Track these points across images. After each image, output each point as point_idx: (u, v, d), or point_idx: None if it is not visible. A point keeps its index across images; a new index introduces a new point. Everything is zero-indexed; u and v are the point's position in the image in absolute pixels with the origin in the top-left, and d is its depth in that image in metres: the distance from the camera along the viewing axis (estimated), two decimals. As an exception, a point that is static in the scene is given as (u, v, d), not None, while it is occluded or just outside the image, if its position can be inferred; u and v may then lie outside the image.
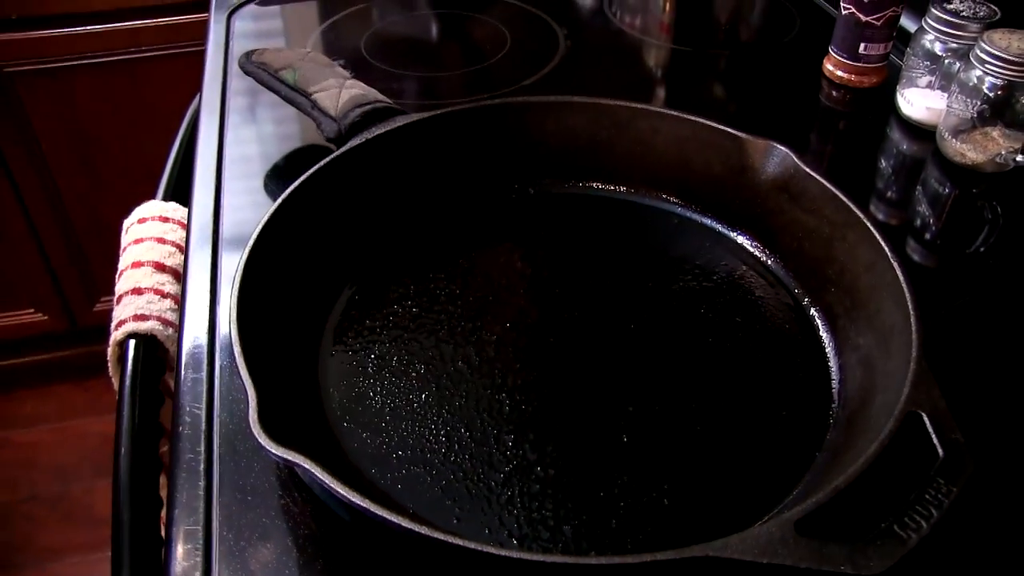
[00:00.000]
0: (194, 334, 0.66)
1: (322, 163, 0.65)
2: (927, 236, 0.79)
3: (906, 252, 0.76)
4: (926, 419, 0.48)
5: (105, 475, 0.65)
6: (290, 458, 0.45)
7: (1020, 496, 0.56)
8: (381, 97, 0.74)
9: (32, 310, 1.86)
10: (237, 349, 0.50)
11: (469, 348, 0.62)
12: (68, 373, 1.98)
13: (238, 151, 0.84)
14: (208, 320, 0.67)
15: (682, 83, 1.01)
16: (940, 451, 0.47)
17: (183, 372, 0.63)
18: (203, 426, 0.59)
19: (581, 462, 0.55)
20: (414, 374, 0.60)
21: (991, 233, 0.78)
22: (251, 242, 0.58)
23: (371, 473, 0.54)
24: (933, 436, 0.48)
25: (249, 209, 0.78)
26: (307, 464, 0.45)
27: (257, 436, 0.46)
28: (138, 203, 0.86)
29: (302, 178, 0.63)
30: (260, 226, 0.59)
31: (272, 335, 0.56)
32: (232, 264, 0.70)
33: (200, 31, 1.09)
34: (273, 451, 0.45)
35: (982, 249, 0.77)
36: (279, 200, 0.61)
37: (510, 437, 0.56)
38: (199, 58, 1.02)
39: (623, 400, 0.59)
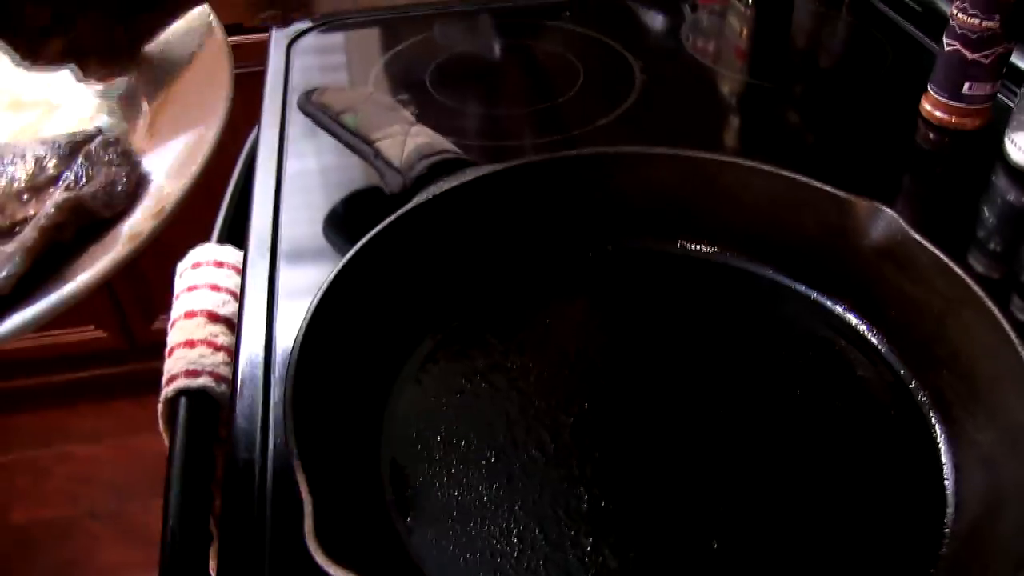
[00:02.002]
0: (247, 405, 0.62)
1: (384, 224, 0.61)
2: (1035, 294, 0.73)
3: (1011, 311, 0.70)
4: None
5: (161, 494, 0.62)
6: (348, 580, 0.40)
7: None
8: (449, 146, 0.69)
9: (92, 326, 1.85)
10: (293, 450, 0.46)
11: (543, 432, 0.57)
12: (127, 389, 1.97)
13: (296, 197, 0.80)
14: (263, 383, 0.63)
15: (764, 123, 0.95)
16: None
17: (235, 450, 0.59)
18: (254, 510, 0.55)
19: (666, 570, 0.50)
20: (483, 462, 0.55)
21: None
22: (305, 322, 0.53)
23: (436, 578, 0.49)
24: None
25: (308, 258, 0.74)
26: (366, 586, 0.40)
27: (313, 553, 0.41)
28: (196, 221, 0.82)
29: (360, 244, 0.59)
30: (313, 305, 0.54)
31: (329, 420, 0.52)
32: (287, 320, 0.67)
33: (258, 52, 1.05)
34: (331, 572, 0.41)
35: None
36: (333, 272, 0.57)
37: (588, 540, 0.51)
38: (258, 79, 0.98)
39: (712, 498, 0.53)
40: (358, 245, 0.59)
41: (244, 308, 0.70)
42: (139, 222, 0.52)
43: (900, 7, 1.13)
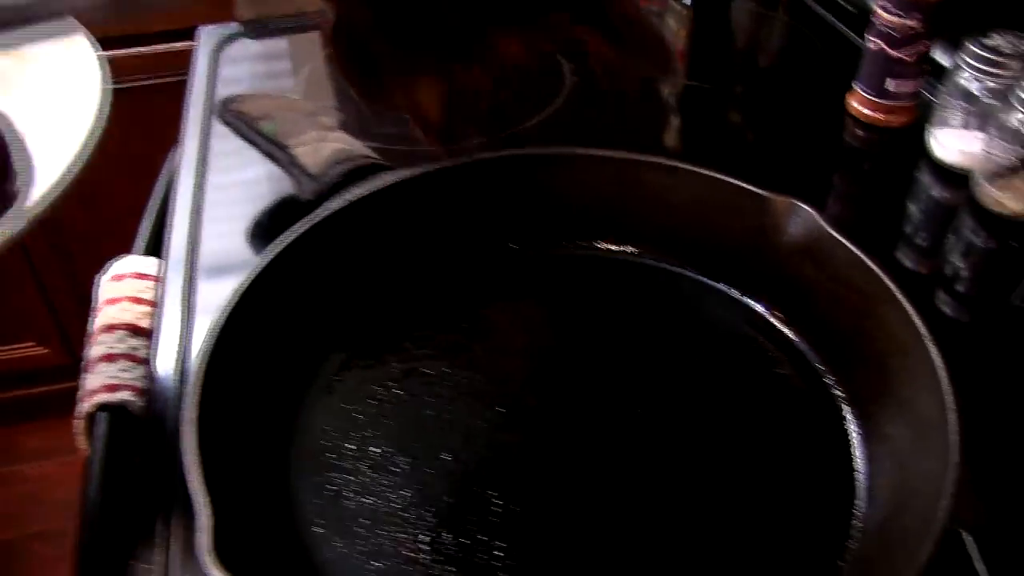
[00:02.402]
0: (160, 419, 0.61)
1: (295, 233, 0.60)
2: (960, 289, 0.73)
3: (936, 305, 0.70)
4: (968, 540, 0.42)
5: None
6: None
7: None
8: (365, 151, 0.69)
9: (33, 343, 1.82)
10: (189, 463, 0.45)
11: (457, 439, 0.56)
12: (73, 405, 1.93)
13: (219, 209, 0.79)
14: (176, 397, 0.62)
15: (696, 123, 0.95)
16: (986, 581, 0.41)
17: (150, 464, 0.58)
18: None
19: (580, 573, 0.49)
20: (396, 469, 0.54)
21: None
22: (209, 336, 0.52)
23: (345, 589, 0.48)
24: (978, 563, 0.42)
25: (228, 270, 0.72)
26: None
27: (208, 570, 0.40)
28: (131, 233, 0.81)
29: (269, 255, 0.58)
30: (219, 319, 0.53)
31: (236, 426, 0.51)
32: (203, 333, 0.66)
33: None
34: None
35: (1021, 302, 0.70)
36: (241, 285, 0.56)
37: (501, 545, 0.50)
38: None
39: (624, 500, 0.53)
40: (266, 256, 0.58)
41: (160, 322, 0.69)
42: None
43: (833, 7, 1.13)
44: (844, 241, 0.59)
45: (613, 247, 0.69)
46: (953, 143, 0.82)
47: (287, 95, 0.88)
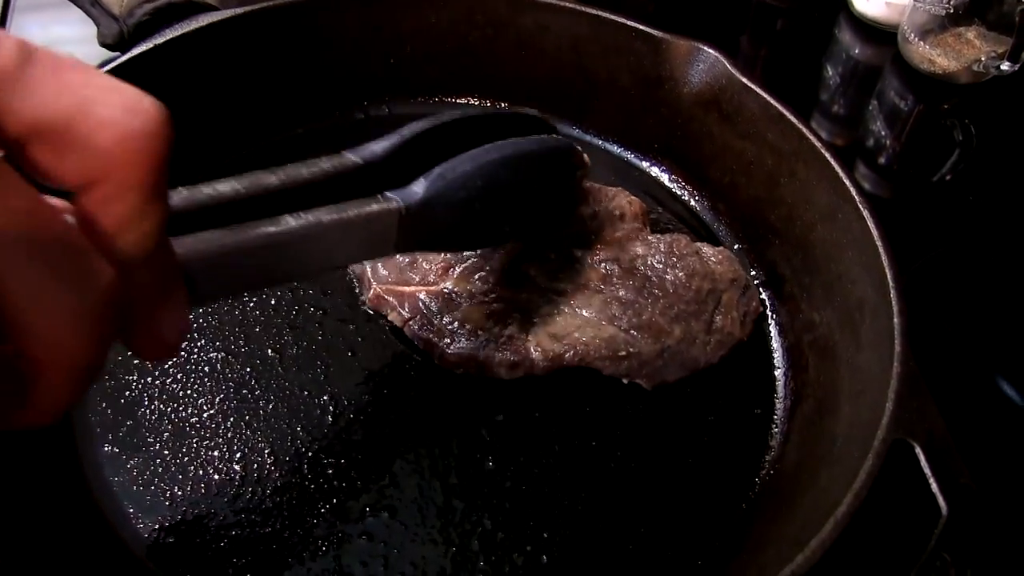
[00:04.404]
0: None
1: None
2: (882, 160, 0.65)
3: (855, 179, 0.60)
4: (920, 453, 0.33)
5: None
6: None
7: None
8: (183, -14, 0.55)
9: None
10: None
11: (285, 330, 0.45)
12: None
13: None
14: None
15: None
16: (943, 504, 0.32)
17: None
18: None
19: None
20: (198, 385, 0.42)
21: (962, 158, 0.64)
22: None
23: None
24: (932, 482, 0.32)
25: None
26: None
27: None
28: None
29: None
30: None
31: None
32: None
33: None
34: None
35: (949, 177, 0.63)
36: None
37: (329, 460, 0.39)
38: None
39: (499, 395, 0.43)
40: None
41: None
42: None
43: None
44: (756, 88, 0.49)
45: (483, 103, 0.58)
46: (878, -7, 0.72)
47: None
